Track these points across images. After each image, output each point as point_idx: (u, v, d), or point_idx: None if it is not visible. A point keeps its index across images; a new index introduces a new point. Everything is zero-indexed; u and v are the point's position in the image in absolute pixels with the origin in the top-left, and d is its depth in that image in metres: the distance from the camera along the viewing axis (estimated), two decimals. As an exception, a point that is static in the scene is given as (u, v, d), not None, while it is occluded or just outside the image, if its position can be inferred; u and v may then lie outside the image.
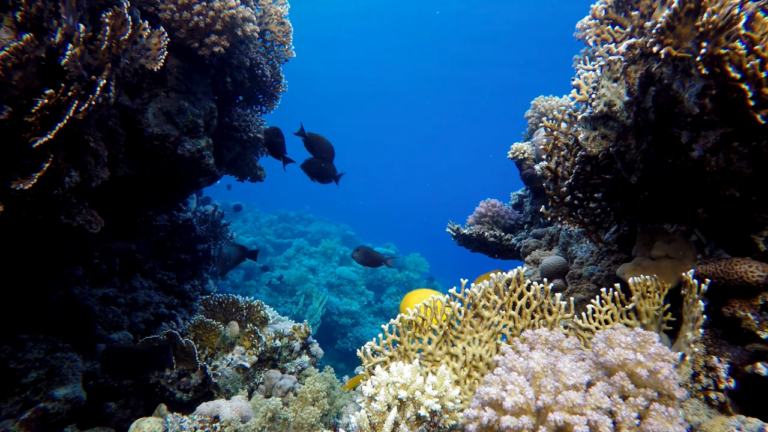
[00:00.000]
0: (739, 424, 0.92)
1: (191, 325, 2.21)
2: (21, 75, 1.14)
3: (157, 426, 1.57)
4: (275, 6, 2.72)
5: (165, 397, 2.03)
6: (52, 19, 1.20)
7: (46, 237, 1.51)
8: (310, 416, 1.57)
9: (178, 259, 3.24)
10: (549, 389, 0.84)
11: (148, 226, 2.97)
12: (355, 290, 7.39)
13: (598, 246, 1.71)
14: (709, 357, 1.09)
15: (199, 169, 2.40)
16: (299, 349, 2.32)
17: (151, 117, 2.13)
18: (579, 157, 1.54)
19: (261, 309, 2.34)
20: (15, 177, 1.20)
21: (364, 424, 0.97)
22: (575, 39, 2.02)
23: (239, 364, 2.13)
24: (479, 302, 1.22)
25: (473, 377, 1.20)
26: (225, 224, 3.68)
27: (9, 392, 1.82)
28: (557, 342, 1.04)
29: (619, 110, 1.27)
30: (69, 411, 1.88)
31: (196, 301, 2.81)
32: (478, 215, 2.96)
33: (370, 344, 1.20)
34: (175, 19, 2.10)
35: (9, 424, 1.73)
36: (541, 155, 2.36)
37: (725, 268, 1.12)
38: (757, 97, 0.93)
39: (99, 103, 1.32)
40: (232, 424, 1.58)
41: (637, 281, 1.20)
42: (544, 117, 2.62)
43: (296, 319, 3.74)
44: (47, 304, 2.16)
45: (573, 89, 1.45)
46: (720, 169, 1.07)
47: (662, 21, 1.01)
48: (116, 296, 2.58)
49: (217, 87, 2.58)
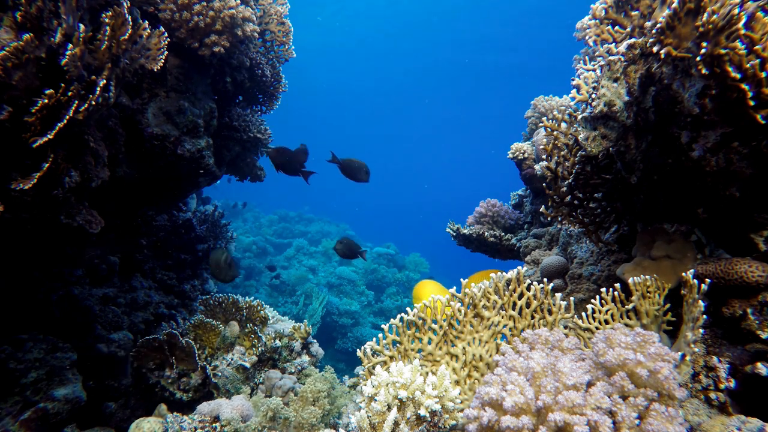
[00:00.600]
0: (739, 424, 0.92)
1: (191, 325, 2.22)
2: (21, 75, 1.14)
3: (157, 426, 1.57)
4: (275, 6, 2.72)
5: (165, 397, 2.03)
6: (52, 19, 1.20)
7: (46, 237, 1.51)
8: (311, 416, 1.57)
9: (178, 259, 3.24)
10: (549, 389, 0.84)
11: (148, 226, 2.97)
12: (355, 290, 7.40)
13: (598, 246, 1.71)
14: (709, 357, 1.09)
15: (199, 169, 2.40)
16: (299, 349, 2.32)
17: (151, 117, 2.13)
18: (579, 157, 1.54)
19: (261, 309, 2.34)
20: (15, 177, 1.20)
21: (364, 424, 0.97)
22: (575, 39, 2.02)
23: (239, 364, 2.13)
24: (479, 302, 1.22)
25: (473, 377, 1.20)
26: (225, 224, 3.68)
27: (9, 392, 1.82)
28: (557, 342, 1.04)
29: (619, 110, 1.27)
30: (69, 411, 1.88)
31: (196, 301, 2.81)
32: (478, 215, 2.96)
33: (370, 344, 1.20)
34: (175, 19, 2.10)
35: (9, 423, 1.73)
36: (541, 155, 2.36)
37: (725, 268, 1.12)
38: (757, 97, 0.93)
39: (99, 103, 1.32)
40: (233, 424, 1.58)
41: (637, 281, 1.20)
42: (544, 117, 2.62)
43: (296, 319, 3.74)
44: (47, 304, 2.16)
45: (573, 89, 1.45)
46: (720, 169, 1.07)
47: (662, 21, 1.01)
48: (116, 296, 2.58)
49: (217, 87, 2.58)
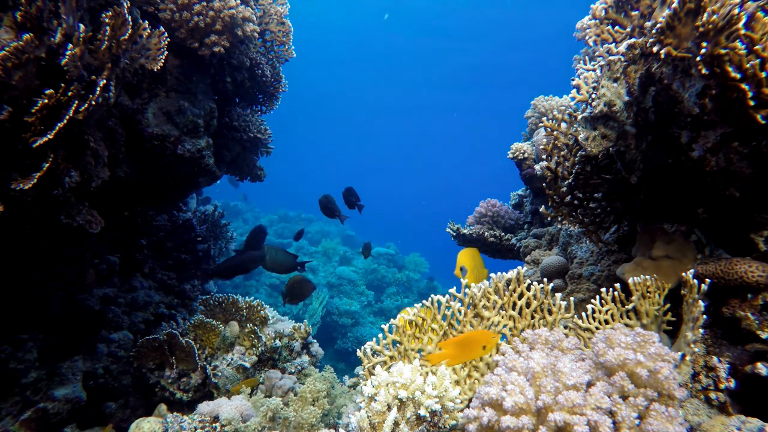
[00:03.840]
0: (739, 424, 0.92)
1: (191, 325, 2.21)
2: (21, 75, 1.14)
3: (157, 426, 1.57)
4: (275, 6, 2.72)
5: (165, 397, 2.03)
6: (52, 19, 1.20)
7: (47, 237, 1.51)
8: (311, 416, 1.57)
9: (178, 259, 3.24)
10: (549, 389, 0.84)
11: (148, 226, 2.97)
12: (355, 290, 7.40)
13: (598, 246, 1.71)
14: (709, 357, 1.09)
15: (199, 169, 2.40)
16: (299, 349, 2.32)
17: (151, 117, 2.13)
18: (579, 157, 1.54)
19: (261, 309, 2.34)
20: (15, 177, 1.20)
21: (364, 424, 0.97)
22: (575, 39, 2.02)
23: (239, 364, 2.13)
24: (479, 302, 1.22)
25: (473, 377, 1.20)
26: (225, 224, 3.68)
27: (9, 392, 1.82)
28: (557, 342, 1.04)
29: (619, 110, 1.27)
30: (69, 411, 1.88)
31: (196, 301, 2.80)
32: (478, 215, 2.96)
33: (370, 344, 1.20)
34: (175, 19, 2.10)
35: (9, 423, 1.73)
36: (541, 155, 2.36)
37: (725, 268, 1.12)
38: (757, 97, 0.93)
39: (99, 103, 1.32)
40: (233, 423, 1.58)
41: (637, 281, 1.20)
42: (544, 117, 2.62)
43: (296, 319, 3.74)
44: (47, 304, 2.16)
45: (573, 89, 1.45)
46: (720, 169, 1.07)
47: (662, 21, 1.01)
48: (116, 296, 2.58)
49: (217, 87, 2.58)
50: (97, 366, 2.16)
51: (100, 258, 2.55)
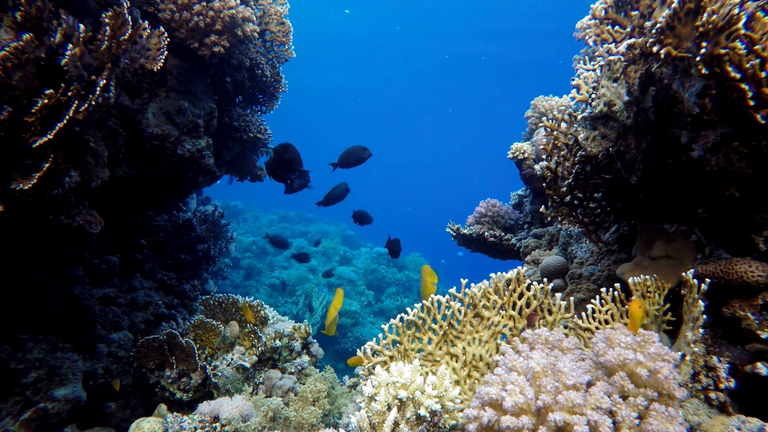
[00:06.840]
0: (739, 424, 0.92)
1: (191, 325, 2.21)
2: (21, 75, 1.14)
3: (157, 426, 1.57)
4: (275, 6, 2.72)
5: (165, 397, 2.03)
6: (52, 19, 1.20)
7: (46, 237, 1.51)
8: (311, 416, 1.57)
9: (178, 259, 3.24)
10: (549, 389, 0.84)
11: (148, 226, 2.97)
12: (355, 290, 7.40)
13: (598, 246, 1.71)
14: (709, 357, 1.09)
15: (199, 169, 2.40)
16: (299, 349, 2.32)
17: (151, 117, 2.13)
18: (579, 157, 1.54)
19: (261, 309, 2.34)
20: (15, 177, 1.20)
21: (364, 424, 0.97)
22: (575, 39, 2.02)
23: (239, 364, 2.13)
24: (479, 302, 1.22)
25: (473, 377, 1.20)
26: (225, 224, 3.68)
27: (9, 392, 1.82)
28: (557, 342, 1.04)
29: (619, 110, 1.27)
30: (69, 411, 1.88)
31: (196, 301, 2.81)
32: (478, 215, 2.96)
33: (370, 344, 1.20)
34: (175, 19, 2.10)
35: (9, 423, 1.73)
36: (541, 155, 2.36)
37: (725, 268, 1.12)
38: (757, 96, 0.93)
39: (99, 103, 1.32)
40: (233, 423, 1.58)
41: (637, 281, 1.20)
42: (544, 117, 2.62)
43: (296, 319, 3.74)
44: (47, 304, 2.16)
45: (573, 89, 1.45)
46: (720, 169, 1.07)
47: (662, 21, 1.01)
48: (116, 296, 2.58)
49: (217, 87, 2.58)
50: (97, 366, 2.16)
51: (100, 258, 2.56)
